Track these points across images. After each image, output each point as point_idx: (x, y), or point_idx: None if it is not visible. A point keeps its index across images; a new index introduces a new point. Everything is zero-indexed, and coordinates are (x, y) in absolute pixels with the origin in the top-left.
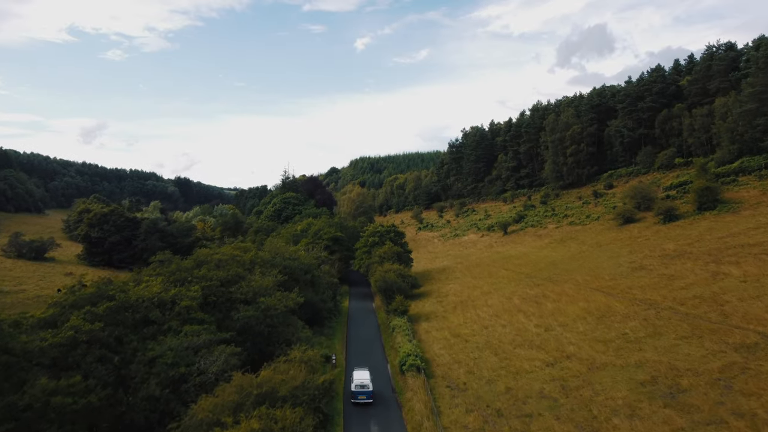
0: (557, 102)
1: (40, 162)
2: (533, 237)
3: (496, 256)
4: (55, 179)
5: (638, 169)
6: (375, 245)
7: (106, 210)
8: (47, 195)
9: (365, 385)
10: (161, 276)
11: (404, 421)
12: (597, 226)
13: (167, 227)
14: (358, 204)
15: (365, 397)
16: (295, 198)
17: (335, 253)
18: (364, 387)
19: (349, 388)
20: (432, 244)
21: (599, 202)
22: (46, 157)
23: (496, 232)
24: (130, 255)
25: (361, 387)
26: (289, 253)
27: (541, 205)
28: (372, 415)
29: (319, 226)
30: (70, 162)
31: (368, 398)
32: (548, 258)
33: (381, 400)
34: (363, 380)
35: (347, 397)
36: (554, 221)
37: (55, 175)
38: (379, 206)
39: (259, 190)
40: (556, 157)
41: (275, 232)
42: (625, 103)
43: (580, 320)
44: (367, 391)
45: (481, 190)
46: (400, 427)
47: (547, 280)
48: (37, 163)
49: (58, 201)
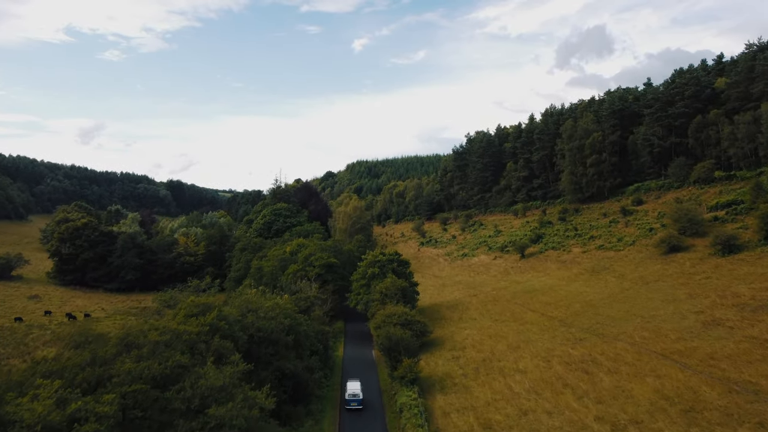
0: (573, 106)
1: (27, 165)
2: (557, 263)
3: (516, 288)
4: (42, 183)
5: (670, 183)
6: (375, 278)
7: (79, 223)
8: (32, 200)
9: (356, 395)
10: (59, 379)
11: None
12: (634, 253)
13: (146, 242)
14: (354, 219)
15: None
16: (287, 209)
17: (328, 283)
18: (356, 396)
19: None
20: (437, 264)
21: (630, 222)
22: (33, 160)
23: (512, 255)
24: (105, 273)
25: (353, 396)
26: (266, 309)
27: (559, 221)
28: None
29: (311, 250)
30: (58, 165)
31: (359, 405)
32: (582, 296)
33: None
34: (355, 390)
35: None
36: (579, 243)
37: (42, 178)
38: (378, 215)
39: (252, 195)
40: (575, 168)
41: (262, 253)
42: (653, 108)
43: (658, 413)
44: (358, 399)
45: (489, 200)
46: None
47: (590, 333)
48: (23, 166)
49: (44, 206)
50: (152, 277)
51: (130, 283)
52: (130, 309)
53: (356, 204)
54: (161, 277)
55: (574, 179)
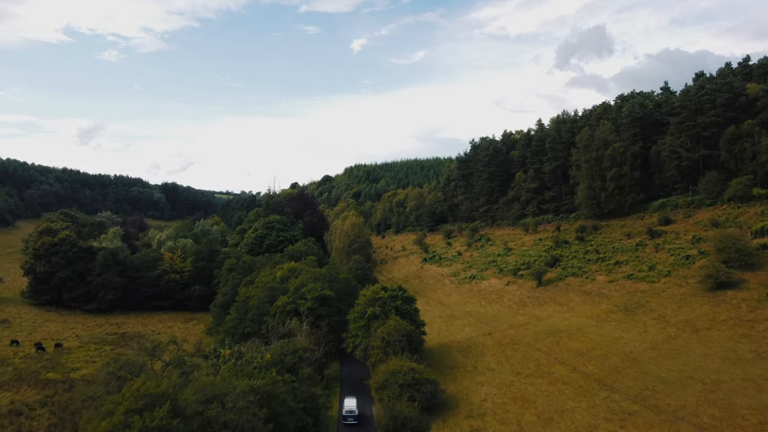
0: (586, 112)
1: (16, 168)
2: (581, 295)
3: (538, 327)
4: (32, 187)
5: (701, 200)
6: (375, 318)
7: (56, 238)
8: (22, 205)
9: (352, 411)
10: None
11: None
12: (672, 287)
13: (129, 258)
14: (353, 238)
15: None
16: (280, 222)
17: (322, 318)
18: (352, 412)
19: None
20: (443, 287)
21: (660, 246)
22: (24, 163)
23: (527, 280)
24: (83, 292)
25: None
26: (236, 396)
27: (577, 241)
28: None
29: (303, 279)
30: (49, 168)
31: (354, 420)
32: (619, 344)
33: None
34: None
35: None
36: (604, 270)
37: (32, 182)
38: (377, 225)
39: (247, 200)
40: (592, 181)
41: (250, 277)
42: (681, 117)
43: None
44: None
45: (496, 213)
46: None
47: (640, 404)
48: (12, 170)
49: (33, 211)
50: (135, 296)
51: (111, 303)
52: (107, 335)
53: (354, 220)
54: (145, 296)
55: (592, 193)
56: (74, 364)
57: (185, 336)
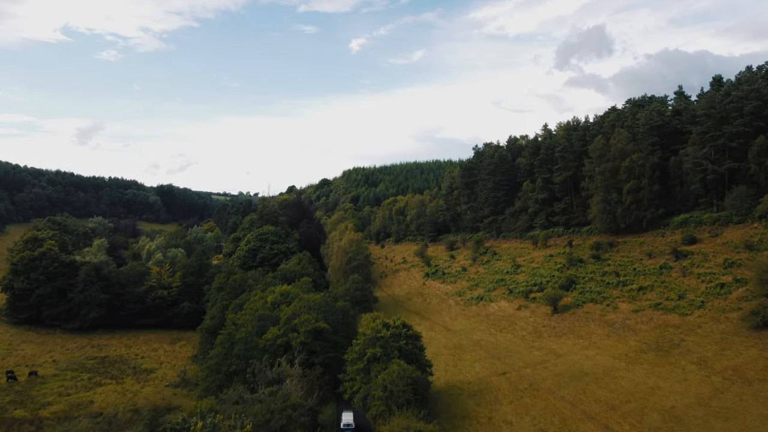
0: (598, 119)
1: (8, 171)
2: (603, 327)
3: (558, 368)
4: (24, 190)
5: (728, 216)
6: (376, 360)
7: (35, 252)
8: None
9: (349, 424)
10: None
11: None
12: (709, 321)
13: (114, 272)
14: (351, 256)
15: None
16: (274, 234)
17: (316, 354)
18: (349, 425)
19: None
20: (448, 308)
21: (687, 270)
22: (16, 166)
23: (539, 304)
24: (64, 310)
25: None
26: None
27: (592, 259)
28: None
29: (295, 308)
30: (42, 170)
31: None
32: (657, 395)
33: None
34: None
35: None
36: (626, 296)
37: (25, 185)
38: (376, 233)
39: (243, 204)
40: (607, 194)
41: (239, 299)
42: (705, 126)
43: None
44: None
45: (502, 224)
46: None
47: None
48: (4, 172)
49: (25, 215)
50: (119, 314)
51: (94, 321)
52: (87, 360)
53: (352, 236)
54: (130, 314)
55: (607, 207)
56: (46, 398)
57: (170, 360)
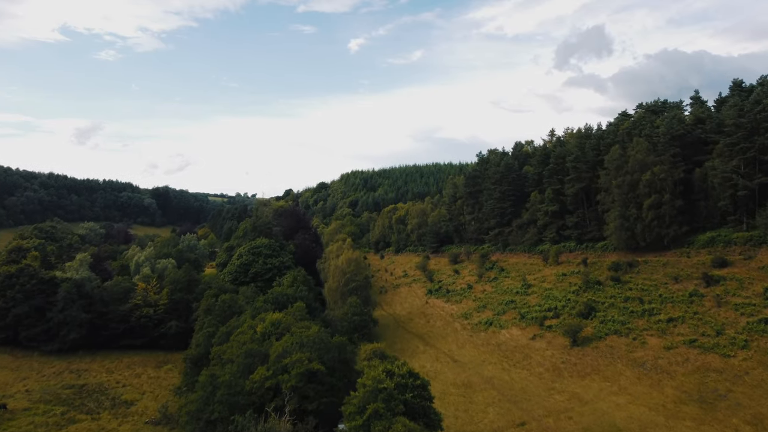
0: (612, 127)
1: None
2: (632, 366)
3: (586, 418)
4: (15, 194)
5: (760, 236)
6: (378, 417)
7: (12, 269)
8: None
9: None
10: None
11: None
12: (757, 366)
13: (96, 290)
14: (349, 277)
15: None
16: (267, 247)
17: (309, 400)
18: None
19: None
20: (453, 333)
21: (722, 298)
22: (7, 169)
23: (556, 334)
24: (42, 330)
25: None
26: None
27: (611, 281)
28: None
29: (287, 345)
30: (35, 173)
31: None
32: None
33: None
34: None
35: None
36: (654, 328)
37: (16, 189)
38: (375, 242)
39: (238, 210)
40: (625, 209)
41: (227, 327)
42: (734, 137)
43: None
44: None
45: (508, 237)
46: None
47: None
48: None
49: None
50: (102, 333)
51: (74, 342)
52: (63, 389)
53: (350, 255)
54: (113, 333)
55: (626, 224)
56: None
57: (154, 389)
